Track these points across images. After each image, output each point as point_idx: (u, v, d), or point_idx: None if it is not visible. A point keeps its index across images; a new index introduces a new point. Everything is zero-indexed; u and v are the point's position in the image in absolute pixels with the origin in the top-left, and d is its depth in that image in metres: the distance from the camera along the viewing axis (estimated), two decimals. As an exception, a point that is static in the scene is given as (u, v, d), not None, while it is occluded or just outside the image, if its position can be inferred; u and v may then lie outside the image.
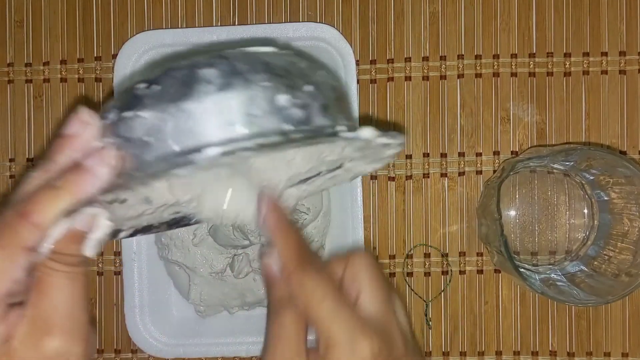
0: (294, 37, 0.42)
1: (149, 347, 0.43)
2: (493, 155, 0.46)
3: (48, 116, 0.46)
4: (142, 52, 0.43)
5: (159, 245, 0.44)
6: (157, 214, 0.28)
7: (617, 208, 0.42)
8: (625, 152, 0.45)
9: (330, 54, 0.43)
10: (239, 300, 0.44)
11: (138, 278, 0.43)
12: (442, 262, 0.46)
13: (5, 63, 0.46)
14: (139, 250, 0.44)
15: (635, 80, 0.45)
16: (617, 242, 0.42)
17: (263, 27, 0.43)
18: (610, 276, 0.41)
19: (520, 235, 0.45)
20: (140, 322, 0.43)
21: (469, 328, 0.46)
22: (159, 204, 0.27)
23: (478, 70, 0.46)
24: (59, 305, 0.23)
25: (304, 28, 0.42)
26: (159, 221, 0.30)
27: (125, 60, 0.43)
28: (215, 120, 0.22)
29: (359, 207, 0.42)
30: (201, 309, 0.44)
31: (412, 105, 0.46)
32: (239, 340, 0.44)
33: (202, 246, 0.43)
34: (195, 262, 0.43)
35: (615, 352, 0.45)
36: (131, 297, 0.43)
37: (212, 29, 0.43)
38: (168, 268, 0.45)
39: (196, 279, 0.44)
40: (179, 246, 0.43)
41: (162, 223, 0.30)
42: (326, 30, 0.42)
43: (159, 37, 0.43)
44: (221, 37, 0.42)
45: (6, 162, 0.46)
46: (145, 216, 0.28)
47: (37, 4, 0.46)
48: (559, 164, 0.44)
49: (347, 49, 0.42)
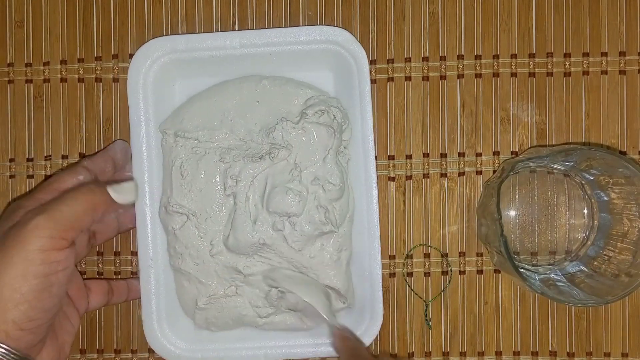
0: (307, 40, 0.42)
1: (166, 353, 0.43)
2: (493, 155, 0.46)
3: (48, 116, 0.46)
4: (156, 58, 0.43)
5: (171, 253, 0.43)
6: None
7: (617, 208, 0.42)
8: (625, 152, 0.45)
9: (344, 57, 0.42)
10: (248, 318, 0.44)
11: (155, 284, 0.43)
12: (442, 262, 0.46)
13: (5, 63, 0.46)
14: (156, 256, 0.43)
15: (635, 81, 0.46)
16: (617, 242, 0.42)
17: (277, 31, 0.43)
18: (610, 276, 0.41)
19: (520, 235, 0.45)
20: (158, 328, 0.43)
21: (468, 328, 0.46)
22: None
23: (478, 71, 0.46)
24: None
25: (317, 31, 0.42)
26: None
27: (139, 65, 0.43)
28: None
29: (374, 210, 0.42)
30: (212, 329, 0.44)
31: (412, 105, 0.46)
32: (257, 345, 0.43)
33: (219, 257, 0.43)
34: (208, 276, 0.43)
35: (615, 352, 0.45)
36: (148, 303, 0.43)
37: (226, 34, 0.43)
38: (177, 281, 0.44)
39: (202, 299, 0.43)
40: (193, 256, 0.42)
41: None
42: (339, 34, 0.42)
43: (173, 43, 0.43)
44: (234, 42, 0.42)
45: (6, 162, 0.46)
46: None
47: (37, 4, 0.46)
48: (559, 164, 0.44)
49: (361, 52, 0.42)
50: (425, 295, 0.46)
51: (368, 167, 0.42)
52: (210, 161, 0.42)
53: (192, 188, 0.42)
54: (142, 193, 0.43)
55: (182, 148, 0.43)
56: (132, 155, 0.43)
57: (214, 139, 0.43)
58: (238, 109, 0.43)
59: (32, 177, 0.46)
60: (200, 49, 0.43)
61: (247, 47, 0.43)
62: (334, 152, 0.42)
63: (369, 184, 0.42)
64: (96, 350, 0.46)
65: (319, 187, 0.42)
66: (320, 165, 0.42)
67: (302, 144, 0.42)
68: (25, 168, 0.46)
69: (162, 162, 0.43)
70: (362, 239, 0.43)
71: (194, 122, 0.43)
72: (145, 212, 0.43)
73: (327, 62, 0.43)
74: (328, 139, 0.42)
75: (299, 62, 0.44)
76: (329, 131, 0.42)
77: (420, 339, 0.46)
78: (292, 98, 0.43)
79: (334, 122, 0.42)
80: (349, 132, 0.43)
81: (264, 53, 0.43)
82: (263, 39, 0.42)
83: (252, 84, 0.43)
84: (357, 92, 0.42)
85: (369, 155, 0.42)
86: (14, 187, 0.46)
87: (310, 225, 0.41)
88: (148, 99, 0.43)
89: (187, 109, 0.44)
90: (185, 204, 0.42)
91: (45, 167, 0.46)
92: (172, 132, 0.43)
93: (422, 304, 0.46)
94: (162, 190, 0.43)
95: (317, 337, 0.43)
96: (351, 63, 0.42)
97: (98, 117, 0.46)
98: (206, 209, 0.42)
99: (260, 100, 0.43)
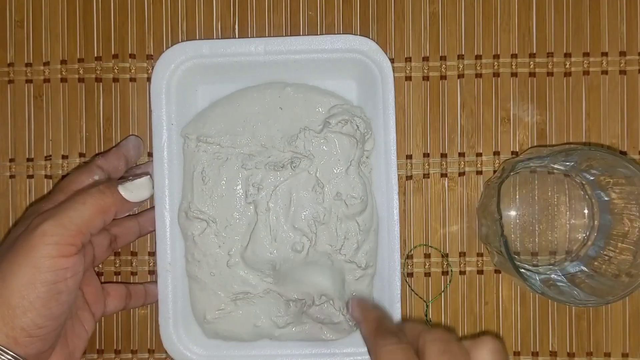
0: (332, 49, 0.42)
1: (183, 358, 0.43)
2: (493, 155, 0.46)
3: (48, 116, 0.46)
4: (180, 62, 0.43)
5: (189, 259, 0.43)
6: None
7: (618, 208, 0.42)
8: (626, 152, 0.45)
9: (368, 66, 0.42)
10: (263, 330, 0.43)
11: (172, 289, 0.43)
12: (442, 263, 0.46)
13: (6, 63, 0.46)
14: (174, 261, 0.43)
15: (635, 81, 0.45)
16: (618, 242, 0.42)
17: (301, 39, 0.42)
18: (610, 276, 0.41)
19: (520, 235, 0.45)
20: (174, 332, 0.43)
21: (469, 328, 0.46)
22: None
23: (478, 71, 0.46)
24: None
25: (342, 40, 0.42)
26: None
27: (163, 69, 0.42)
28: None
29: (395, 221, 0.42)
30: (225, 340, 0.44)
31: (412, 105, 0.46)
32: (274, 352, 0.43)
33: (235, 269, 0.42)
34: (221, 288, 0.42)
35: (615, 352, 0.45)
36: (165, 308, 0.43)
37: (250, 41, 0.43)
38: (191, 289, 0.43)
39: (212, 312, 0.43)
40: (210, 265, 0.42)
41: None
42: (364, 43, 0.42)
43: (197, 48, 0.42)
44: (259, 48, 0.42)
45: (6, 162, 0.46)
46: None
47: (37, 4, 0.46)
48: (559, 164, 0.44)
49: (386, 62, 0.42)
50: (425, 296, 0.46)
51: (390, 178, 0.42)
52: (232, 167, 0.42)
53: (213, 194, 0.42)
54: (161, 197, 0.43)
55: (204, 153, 0.43)
56: (153, 159, 0.43)
57: (236, 145, 0.43)
58: (261, 115, 0.43)
59: (32, 177, 0.46)
60: (224, 54, 0.43)
61: (271, 54, 0.42)
62: (356, 163, 0.42)
63: (390, 195, 0.42)
64: (96, 351, 0.46)
65: (341, 203, 0.42)
66: (342, 178, 0.42)
67: (324, 154, 0.42)
68: (25, 168, 0.46)
69: (183, 167, 0.43)
70: (382, 251, 0.43)
71: (216, 127, 0.43)
72: (165, 216, 0.43)
73: (351, 71, 0.43)
74: (350, 150, 0.42)
75: (322, 71, 0.43)
76: (351, 141, 0.42)
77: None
78: (316, 106, 0.43)
79: (357, 132, 0.42)
80: (371, 142, 0.43)
81: (288, 60, 0.43)
82: (288, 47, 0.42)
83: (275, 90, 0.43)
84: (381, 101, 0.42)
85: (390, 166, 0.42)
86: (14, 187, 0.46)
87: (330, 245, 0.42)
88: (171, 103, 0.43)
89: (209, 113, 0.43)
90: (205, 209, 0.42)
91: (45, 167, 0.46)
92: (194, 136, 0.43)
93: (423, 304, 0.46)
94: (183, 195, 0.43)
95: (335, 347, 0.43)
96: (375, 72, 0.42)
97: (98, 117, 0.46)
98: (226, 217, 0.42)
99: (283, 107, 0.43)
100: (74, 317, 0.39)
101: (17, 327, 0.33)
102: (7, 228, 0.46)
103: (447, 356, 0.28)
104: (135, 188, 0.39)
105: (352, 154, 0.42)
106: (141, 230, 0.44)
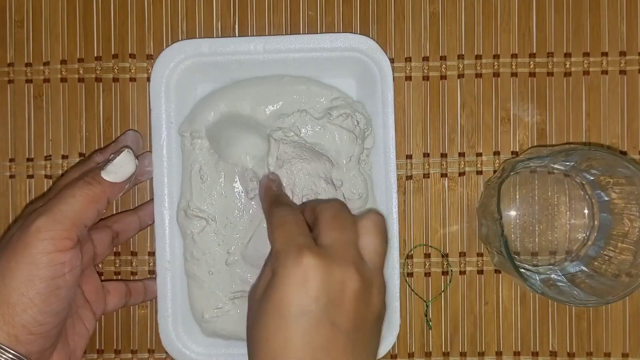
0: (331, 47, 0.42)
1: (182, 356, 0.43)
2: (493, 155, 0.46)
3: (48, 116, 0.46)
4: (179, 61, 0.43)
5: (187, 258, 0.43)
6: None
7: (618, 208, 0.42)
8: (626, 152, 0.45)
9: (367, 65, 0.42)
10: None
11: (171, 287, 0.43)
12: (442, 263, 0.46)
13: (6, 63, 0.46)
14: (173, 259, 0.43)
15: (635, 81, 0.45)
16: (618, 242, 0.41)
17: (301, 38, 0.42)
18: (610, 276, 0.41)
19: (520, 235, 0.45)
20: (173, 331, 0.43)
21: (469, 328, 0.46)
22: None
23: (478, 70, 0.46)
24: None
25: (341, 39, 0.42)
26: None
27: (162, 68, 0.42)
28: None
29: (394, 220, 0.42)
30: (223, 338, 0.44)
31: (412, 105, 0.46)
32: None
33: (234, 268, 0.42)
34: (219, 287, 0.42)
35: (615, 352, 0.45)
36: (164, 306, 0.43)
37: (250, 39, 0.43)
38: (189, 287, 0.43)
39: (209, 311, 0.42)
40: (209, 263, 0.42)
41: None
42: (364, 42, 0.42)
43: (197, 46, 0.42)
44: (258, 47, 0.42)
45: (6, 162, 0.46)
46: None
47: (37, 4, 0.46)
48: (560, 164, 0.44)
49: (385, 60, 0.42)
50: (425, 296, 0.46)
51: (389, 176, 0.42)
52: (228, 163, 0.42)
53: (212, 192, 0.42)
54: (161, 196, 0.43)
55: (200, 151, 0.42)
56: (153, 157, 0.43)
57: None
58: (255, 105, 0.43)
59: (32, 177, 0.46)
60: (223, 53, 0.43)
61: (270, 53, 0.42)
62: (356, 160, 0.42)
63: (390, 194, 0.42)
64: (96, 351, 0.46)
65: (340, 196, 0.42)
66: (343, 173, 0.42)
67: (325, 147, 0.42)
68: (25, 168, 0.46)
69: (182, 165, 0.43)
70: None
71: (206, 121, 0.43)
72: (164, 214, 0.43)
73: (351, 69, 0.43)
74: (350, 145, 0.42)
75: (322, 69, 0.43)
76: (350, 137, 0.42)
77: (420, 339, 0.46)
78: (317, 97, 0.43)
79: (357, 128, 0.42)
80: (371, 140, 0.43)
81: (287, 59, 0.43)
82: (287, 45, 0.42)
83: (273, 80, 0.43)
84: (380, 99, 0.42)
85: (389, 164, 0.42)
86: (14, 187, 0.46)
87: None
88: (170, 101, 0.43)
89: (198, 107, 0.43)
90: (205, 208, 0.42)
91: (45, 167, 0.46)
92: (188, 133, 0.43)
93: (423, 304, 0.46)
94: (181, 193, 0.43)
95: None
96: (374, 71, 0.42)
97: (98, 117, 0.46)
98: (226, 215, 0.42)
99: (281, 94, 0.43)
100: (75, 316, 0.39)
101: (18, 324, 0.33)
102: (6, 228, 0.46)
103: (337, 220, 0.33)
104: (117, 168, 0.38)
105: (352, 149, 0.42)
106: (141, 224, 0.44)
